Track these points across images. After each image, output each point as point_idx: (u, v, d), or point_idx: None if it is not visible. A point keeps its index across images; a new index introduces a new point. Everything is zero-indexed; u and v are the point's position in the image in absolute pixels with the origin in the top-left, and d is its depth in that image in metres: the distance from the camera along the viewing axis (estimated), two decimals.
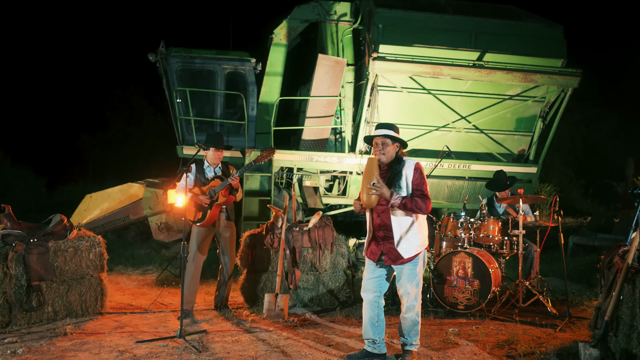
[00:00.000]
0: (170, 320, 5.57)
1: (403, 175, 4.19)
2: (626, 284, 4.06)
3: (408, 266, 4.21)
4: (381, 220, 4.27)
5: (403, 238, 4.18)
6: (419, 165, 4.25)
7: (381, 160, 4.28)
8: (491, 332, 5.16)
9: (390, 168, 4.27)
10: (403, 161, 4.26)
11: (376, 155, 4.29)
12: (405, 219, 4.20)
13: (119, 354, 4.44)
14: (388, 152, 4.27)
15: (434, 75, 9.17)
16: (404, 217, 4.20)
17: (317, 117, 9.73)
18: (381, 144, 4.28)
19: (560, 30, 9.76)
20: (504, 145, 10.32)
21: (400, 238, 4.17)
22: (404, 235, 4.18)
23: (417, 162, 4.26)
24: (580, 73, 9.41)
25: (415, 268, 4.23)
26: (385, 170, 4.30)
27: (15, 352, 4.43)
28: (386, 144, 4.27)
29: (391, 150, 4.27)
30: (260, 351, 4.53)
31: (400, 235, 4.18)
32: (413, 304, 4.25)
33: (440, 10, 9.66)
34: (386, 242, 4.24)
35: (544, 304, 5.80)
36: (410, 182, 4.17)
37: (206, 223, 5.71)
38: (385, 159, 4.28)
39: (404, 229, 4.19)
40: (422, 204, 4.11)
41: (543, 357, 4.44)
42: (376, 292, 4.32)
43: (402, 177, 4.19)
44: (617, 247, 4.58)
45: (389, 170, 4.28)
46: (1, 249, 5.09)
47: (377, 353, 4.31)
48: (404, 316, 4.29)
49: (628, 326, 4.03)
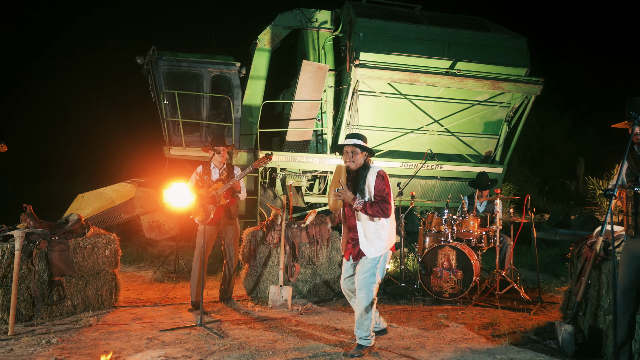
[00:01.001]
0: (182, 312, 5.97)
1: (366, 181, 4.60)
2: (593, 270, 4.76)
3: (364, 261, 4.57)
4: (351, 223, 4.73)
5: (367, 240, 4.57)
6: (382, 172, 4.64)
7: (350, 167, 4.70)
8: (475, 316, 5.82)
9: (357, 174, 4.70)
10: (368, 168, 4.67)
11: (346, 162, 4.71)
12: (368, 223, 4.58)
13: (148, 340, 4.85)
14: (357, 159, 4.68)
15: (411, 81, 9.84)
16: (367, 221, 4.58)
17: (301, 120, 10.24)
18: (351, 152, 4.68)
19: (524, 42, 10.61)
20: (473, 147, 11.11)
21: (364, 239, 4.57)
22: (368, 237, 4.57)
23: (381, 170, 4.66)
24: (542, 82, 10.30)
25: (371, 266, 4.54)
26: (351, 175, 4.72)
27: (49, 342, 4.77)
28: (355, 152, 4.67)
29: (360, 158, 4.68)
30: (277, 336, 5.03)
31: (364, 237, 4.58)
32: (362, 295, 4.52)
33: (415, 21, 10.34)
34: (355, 243, 4.68)
35: (518, 291, 6.52)
36: (372, 188, 4.58)
37: (211, 222, 6.12)
38: (354, 166, 4.69)
39: (367, 232, 4.58)
40: (382, 208, 4.46)
41: (523, 335, 5.12)
42: (352, 291, 4.76)
43: (365, 183, 4.60)
44: (584, 240, 5.31)
45: (355, 175, 4.71)
46: (25, 246, 5.39)
47: (380, 329, 4.92)
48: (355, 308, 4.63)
49: (595, 306, 4.74)
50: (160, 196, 9.08)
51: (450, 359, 4.47)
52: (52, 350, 4.57)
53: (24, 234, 5.38)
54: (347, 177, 4.72)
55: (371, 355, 4.52)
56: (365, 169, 4.67)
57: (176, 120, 10.02)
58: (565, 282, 7.20)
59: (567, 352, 4.56)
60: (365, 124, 10.29)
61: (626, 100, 3.84)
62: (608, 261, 4.63)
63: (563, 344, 4.60)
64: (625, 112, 3.84)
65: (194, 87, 10.34)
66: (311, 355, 4.49)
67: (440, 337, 5.09)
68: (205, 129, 10.48)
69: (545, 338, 5.02)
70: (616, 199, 4.14)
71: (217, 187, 6.11)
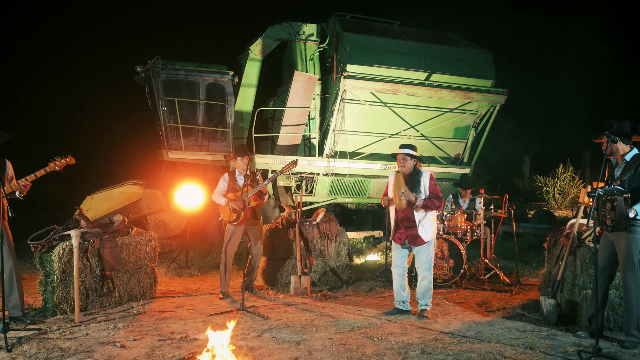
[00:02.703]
0: (215, 300, 6.74)
1: (422, 183, 5.78)
2: (570, 255, 5.90)
3: (424, 247, 5.81)
4: (404, 215, 5.82)
5: (422, 227, 5.77)
6: (432, 175, 5.87)
7: (402, 172, 5.82)
8: (468, 297, 6.89)
9: (411, 177, 5.80)
10: (420, 172, 5.83)
11: (399, 167, 5.83)
12: (423, 214, 5.79)
13: (202, 323, 5.62)
14: (407, 165, 5.81)
15: (393, 91, 10.88)
16: (422, 212, 5.78)
17: (291, 126, 11.07)
18: (402, 159, 5.81)
19: (490, 56, 11.87)
20: (444, 150, 12.28)
21: (422, 227, 5.76)
22: (424, 225, 5.77)
23: (431, 173, 5.89)
24: (507, 92, 11.56)
25: (429, 248, 5.84)
26: (406, 179, 5.83)
27: (116, 327, 5.46)
28: (406, 159, 5.81)
29: (410, 163, 5.81)
30: (312, 316, 5.91)
31: (422, 225, 5.77)
32: (427, 274, 5.84)
33: (395, 36, 11.37)
34: (410, 230, 5.80)
35: (499, 275, 7.66)
36: (427, 187, 5.76)
37: (240, 223, 6.90)
38: (405, 170, 5.82)
39: (423, 221, 5.78)
40: (437, 203, 5.74)
41: (512, 310, 6.22)
42: (402, 267, 5.90)
43: (421, 184, 5.77)
44: (559, 231, 6.45)
45: (409, 179, 5.81)
46: (81, 244, 6.03)
47: (405, 309, 5.92)
48: (420, 283, 5.87)
49: (570, 283, 5.88)
50: (167, 197, 9.72)
51: (459, 329, 5.48)
52: (124, 332, 5.27)
53: (80, 233, 6.02)
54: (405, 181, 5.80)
55: (395, 327, 5.48)
56: (418, 173, 5.81)
57: (175, 125, 10.65)
58: (535, 269, 8.43)
59: (551, 321, 5.67)
60: (350, 129, 11.24)
61: (605, 123, 4.95)
62: (581, 247, 5.78)
63: (547, 314, 5.71)
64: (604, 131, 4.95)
65: (189, 94, 11.01)
66: (349, 330, 5.40)
67: (446, 313, 6.12)
68: (200, 134, 11.16)
69: (530, 312, 6.14)
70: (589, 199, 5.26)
71: (245, 192, 6.89)
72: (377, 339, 5.08)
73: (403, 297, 5.95)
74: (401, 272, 5.94)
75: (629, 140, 4.95)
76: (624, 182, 4.84)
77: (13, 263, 5.46)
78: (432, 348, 4.80)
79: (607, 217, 4.76)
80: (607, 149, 4.93)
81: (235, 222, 6.87)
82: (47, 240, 5.93)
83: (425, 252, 5.85)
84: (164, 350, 4.73)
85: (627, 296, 4.95)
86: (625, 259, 4.88)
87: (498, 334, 5.30)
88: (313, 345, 4.90)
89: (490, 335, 5.24)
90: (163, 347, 4.82)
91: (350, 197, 11.81)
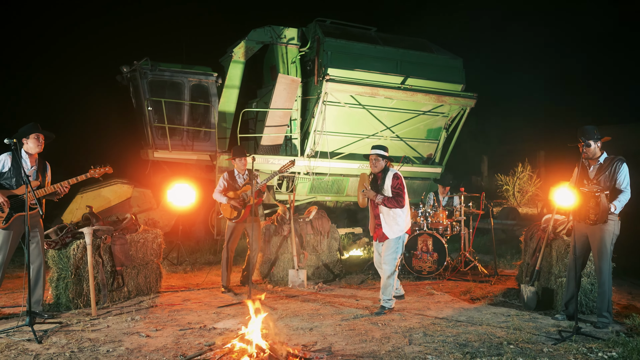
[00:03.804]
0: (218, 293, 7.09)
1: (385, 181, 6.11)
2: (546, 247, 6.56)
3: (387, 242, 6.09)
4: (375, 213, 6.24)
5: (387, 225, 6.08)
6: (397, 174, 6.13)
7: (373, 171, 6.24)
8: (453, 287, 7.50)
9: (381, 177, 6.19)
10: (388, 171, 6.18)
11: (370, 167, 6.22)
12: (387, 211, 6.08)
13: (215, 314, 5.98)
14: (378, 165, 6.17)
15: (372, 94, 11.43)
16: (386, 210, 6.08)
17: (274, 126, 11.46)
18: (374, 159, 6.20)
19: (461, 62, 12.59)
20: (417, 150, 12.93)
21: (385, 225, 6.08)
22: (388, 223, 6.08)
23: (397, 172, 6.14)
24: (476, 96, 12.30)
25: (392, 245, 6.07)
26: (377, 178, 6.23)
27: (134, 319, 5.76)
28: (377, 159, 6.18)
29: (381, 163, 6.15)
30: (316, 306, 6.36)
31: (385, 223, 6.09)
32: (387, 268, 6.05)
33: (372, 42, 11.93)
34: (378, 227, 6.21)
35: (477, 267, 8.31)
36: (389, 186, 6.08)
37: (240, 220, 7.28)
38: (376, 170, 6.21)
39: (387, 219, 6.08)
40: (396, 202, 5.95)
41: (494, 297, 6.85)
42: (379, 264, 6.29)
43: (385, 183, 6.11)
44: (535, 226, 7.12)
45: (379, 178, 6.20)
46: (94, 241, 6.28)
47: (399, 295, 6.46)
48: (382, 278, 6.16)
49: (547, 272, 6.55)
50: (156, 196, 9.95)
51: (452, 315, 6.05)
52: (143, 324, 5.58)
53: (92, 230, 6.27)
54: (372, 180, 6.19)
55: (394, 314, 6.00)
56: (385, 172, 6.15)
57: (161, 125, 10.87)
58: (509, 261, 9.15)
59: (531, 306, 6.32)
60: (329, 130, 11.72)
61: (578, 129, 5.60)
62: (557, 240, 6.45)
63: (528, 301, 6.36)
64: (578, 137, 5.60)
65: (174, 94, 11.23)
66: (354, 317, 5.88)
67: (436, 301, 6.69)
68: (185, 134, 11.40)
69: (511, 299, 6.78)
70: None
71: (245, 190, 7.27)
72: (381, 324, 5.59)
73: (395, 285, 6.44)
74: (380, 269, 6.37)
75: (600, 143, 5.62)
76: (600, 182, 5.50)
77: (43, 259, 5.77)
78: (432, 331, 5.34)
79: (592, 212, 5.41)
80: (583, 153, 5.59)
81: (236, 220, 7.25)
82: (61, 238, 6.15)
83: (388, 247, 6.06)
84: (189, 339, 5.08)
85: (600, 281, 5.62)
86: (600, 248, 5.54)
87: (487, 318, 5.90)
88: (325, 331, 5.36)
89: (480, 319, 5.84)
90: (187, 336, 5.17)
91: (329, 195, 12.31)
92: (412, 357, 4.56)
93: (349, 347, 4.84)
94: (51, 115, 15.50)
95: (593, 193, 5.43)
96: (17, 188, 5.63)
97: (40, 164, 5.83)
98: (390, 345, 4.88)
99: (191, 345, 4.88)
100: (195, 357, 4.45)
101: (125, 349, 4.78)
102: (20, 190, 5.61)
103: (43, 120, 6.05)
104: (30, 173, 5.66)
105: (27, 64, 18.81)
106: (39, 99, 17.35)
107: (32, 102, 17.58)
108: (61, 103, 16.41)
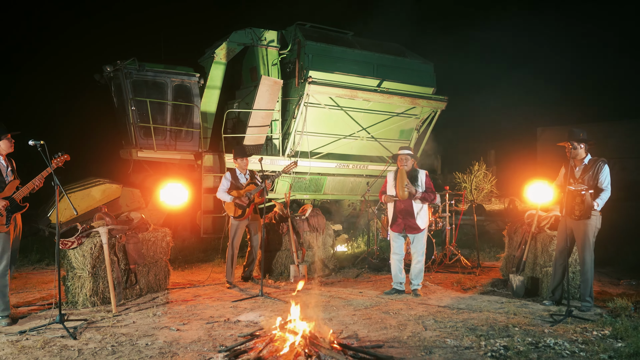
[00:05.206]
0: (225, 290, 7.34)
1: (419, 179, 6.83)
2: (532, 240, 7.20)
3: (420, 235, 6.85)
4: (404, 206, 6.83)
5: (419, 217, 6.82)
6: (427, 173, 6.96)
7: (405, 169, 6.84)
8: (443, 279, 8.06)
9: (411, 174, 6.84)
10: (418, 170, 6.90)
11: (401, 166, 6.85)
12: (420, 205, 6.84)
13: (233, 309, 6.26)
14: (408, 164, 6.85)
15: (351, 97, 11.90)
16: (419, 204, 6.83)
17: (257, 127, 11.72)
18: (404, 159, 6.84)
19: (431, 66, 13.25)
20: (390, 150, 13.47)
21: (418, 217, 6.80)
22: (420, 215, 6.82)
23: (426, 172, 6.96)
24: (447, 99, 13.00)
25: (424, 236, 6.90)
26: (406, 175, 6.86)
27: (156, 314, 5.96)
28: (407, 159, 6.84)
29: (410, 163, 6.85)
30: (324, 298, 6.74)
31: (418, 215, 6.81)
32: (420, 258, 6.88)
33: (350, 45, 12.39)
34: (407, 220, 6.81)
35: (462, 260, 8.92)
36: (424, 183, 6.82)
37: (244, 218, 7.56)
38: (407, 168, 6.86)
39: (420, 212, 6.82)
40: (433, 196, 6.85)
41: (483, 287, 7.45)
42: (401, 253, 6.91)
43: (419, 180, 6.82)
44: (519, 221, 7.77)
45: (409, 175, 6.84)
46: (109, 240, 6.41)
47: (401, 290, 6.95)
48: (415, 266, 6.89)
49: (532, 263, 7.21)
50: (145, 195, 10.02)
51: (452, 303, 6.59)
52: (167, 319, 5.80)
53: (108, 230, 6.41)
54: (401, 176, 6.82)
55: (401, 304, 6.47)
56: (416, 171, 6.90)
57: (146, 125, 10.92)
58: (488, 254, 9.83)
59: (519, 294, 6.95)
60: (309, 130, 12.10)
61: (568, 131, 6.24)
62: (541, 233, 7.10)
63: (517, 289, 6.98)
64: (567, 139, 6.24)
65: (157, 94, 11.29)
66: (364, 307, 6.30)
67: (432, 292, 7.22)
68: (168, 133, 11.48)
69: (499, 288, 7.40)
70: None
71: (249, 189, 7.56)
72: (393, 313, 6.05)
73: (400, 279, 6.97)
74: (399, 258, 6.96)
75: (586, 146, 6.28)
76: (584, 181, 6.16)
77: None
78: (441, 318, 5.84)
79: (577, 208, 6.06)
80: (570, 153, 6.23)
81: (240, 218, 7.52)
82: (77, 238, 6.26)
83: (421, 239, 6.91)
84: (219, 331, 5.36)
85: (583, 270, 6.28)
86: (583, 240, 6.20)
87: (484, 305, 6.47)
88: (344, 320, 5.76)
89: (479, 306, 6.40)
90: (215, 328, 5.44)
91: (308, 194, 12.68)
92: (432, 341, 5.04)
93: (372, 334, 5.26)
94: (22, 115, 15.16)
95: (579, 192, 6.07)
96: (2, 190, 5.70)
97: (10, 163, 5.91)
98: (409, 331, 5.34)
99: (224, 337, 5.16)
100: (237, 346, 4.74)
101: (163, 342, 5.01)
102: (8, 191, 5.68)
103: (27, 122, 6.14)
104: (8, 173, 5.77)
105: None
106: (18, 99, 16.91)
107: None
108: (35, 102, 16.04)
